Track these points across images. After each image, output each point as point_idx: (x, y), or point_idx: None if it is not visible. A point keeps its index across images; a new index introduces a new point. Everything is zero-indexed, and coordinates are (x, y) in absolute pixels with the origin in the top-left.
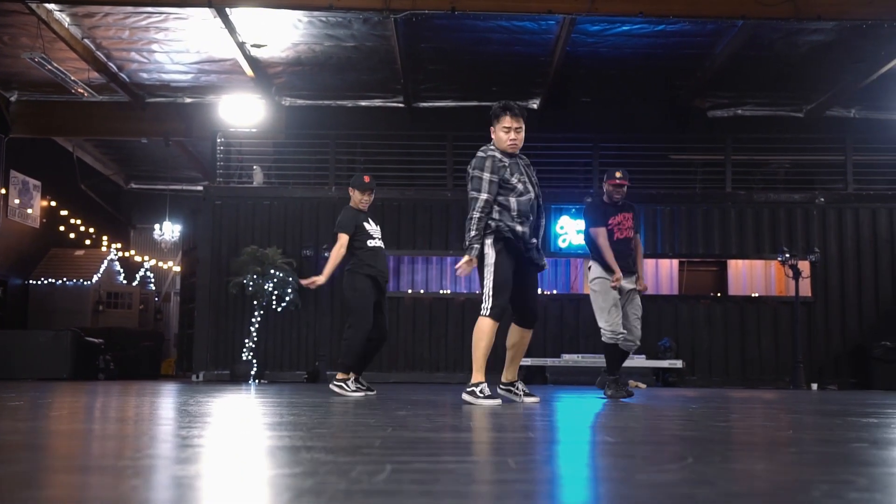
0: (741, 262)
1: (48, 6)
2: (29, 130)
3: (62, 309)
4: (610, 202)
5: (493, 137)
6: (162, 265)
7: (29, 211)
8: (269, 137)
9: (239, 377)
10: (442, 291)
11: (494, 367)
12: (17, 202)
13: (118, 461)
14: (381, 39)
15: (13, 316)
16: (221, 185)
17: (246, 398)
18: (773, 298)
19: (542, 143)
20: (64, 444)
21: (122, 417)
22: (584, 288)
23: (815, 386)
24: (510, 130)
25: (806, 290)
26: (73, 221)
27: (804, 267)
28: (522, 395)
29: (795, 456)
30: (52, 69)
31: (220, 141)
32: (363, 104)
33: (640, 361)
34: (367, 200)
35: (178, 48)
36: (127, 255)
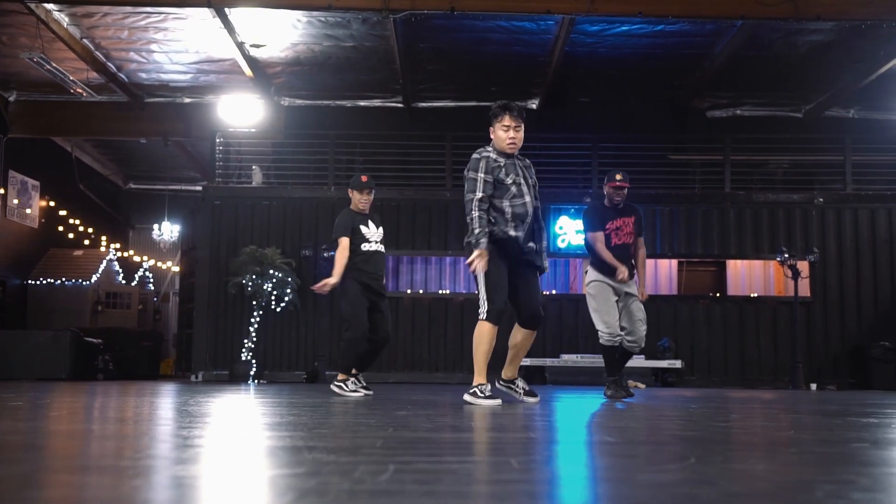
0: (740, 262)
1: (47, 6)
2: (28, 130)
3: (61, 309)
4: (610, 205)
5: (492, 137)
6: (161, 265)
7: (28, 211)
8: (268, 137)
9: (238, 377)
10: (441, 291)
11: (495, 366)
12: (15, 202)
13: (118, 461)
14: (380, 39)
15: (12, 316)
16: (220, 185)
17: (245, 398)
18: (772, 298)
19: (540, 143)
20: (64, 444)
21: (121, 417)
22: (582, 289)
23: (813, 386)
24: (509, 129)
25: (805, 290)
26: (71, 221)
27: (803, 267)
28: (522, 392)
29: (796, 456)
30: (50, 69)
31: (219, 141)
32: (362, 104)
33: (639, 361)
34: (366, 201)
35: (177, 48)
36: (126, 255)
